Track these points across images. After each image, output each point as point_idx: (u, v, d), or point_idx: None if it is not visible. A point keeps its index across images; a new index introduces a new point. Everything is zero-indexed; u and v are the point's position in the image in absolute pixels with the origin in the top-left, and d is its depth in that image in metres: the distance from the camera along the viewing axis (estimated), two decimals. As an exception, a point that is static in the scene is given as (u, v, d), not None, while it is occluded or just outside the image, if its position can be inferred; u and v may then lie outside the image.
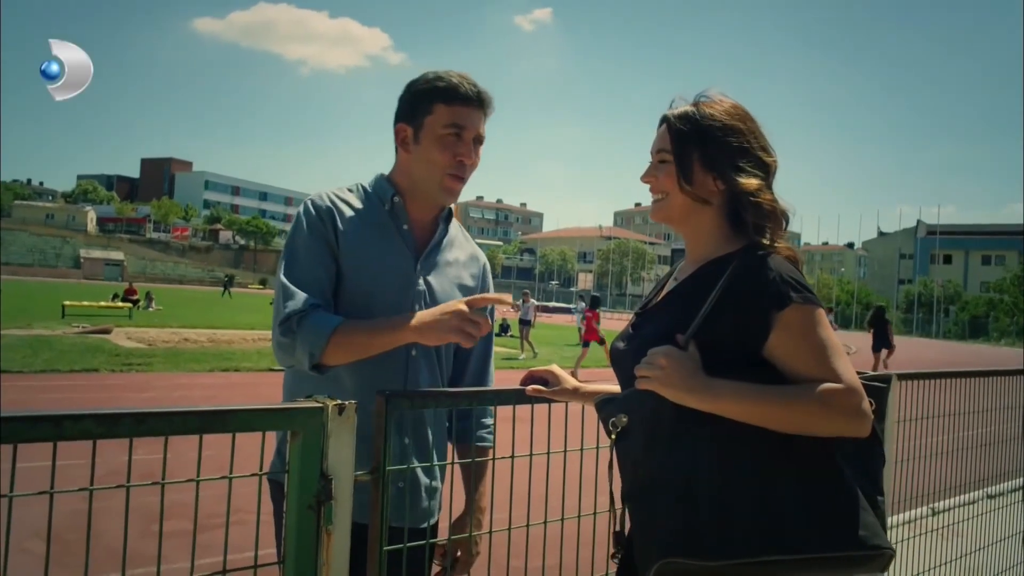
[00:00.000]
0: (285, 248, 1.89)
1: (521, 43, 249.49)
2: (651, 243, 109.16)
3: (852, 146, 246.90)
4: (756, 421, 1.39)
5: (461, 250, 2.08)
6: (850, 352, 18.80)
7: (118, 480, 1.26)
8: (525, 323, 20.14)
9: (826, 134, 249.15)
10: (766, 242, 1.56)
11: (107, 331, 18.73)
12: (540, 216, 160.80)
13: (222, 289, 55.51)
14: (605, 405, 1.54)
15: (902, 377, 2.99)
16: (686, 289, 1.59)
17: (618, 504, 1.51)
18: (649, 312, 1.67)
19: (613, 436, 1.50)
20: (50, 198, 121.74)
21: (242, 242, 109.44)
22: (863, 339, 27.30)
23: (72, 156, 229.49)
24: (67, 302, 24.70)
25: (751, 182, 1.55)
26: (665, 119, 1.63)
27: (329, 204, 1.90)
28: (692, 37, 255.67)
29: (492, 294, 1.86)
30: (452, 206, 2.06)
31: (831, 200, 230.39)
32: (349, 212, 1.90)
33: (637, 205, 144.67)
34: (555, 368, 1.87)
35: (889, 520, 3.38)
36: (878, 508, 1.44)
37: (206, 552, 1.68)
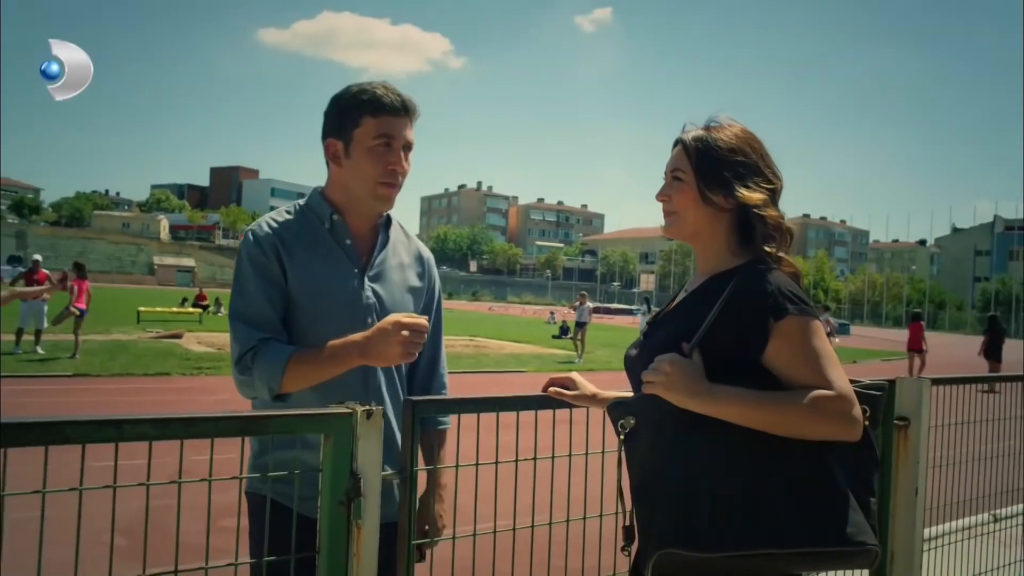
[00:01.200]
0: (232, 284, 1.98)
1: (581, 43, 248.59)
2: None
3: (923, 141, 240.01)
4: (753, 424, 1.48)
5: (405, 251, 2.14)
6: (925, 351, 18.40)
7: (171, 478, 1.42)
8: (581, 325, 20.20)
9: (896, 129, 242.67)
10: (771, 251, 1.65)
11: (179, 336, 19.45)
12: (601, 217, 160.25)
13: None
14: (615, 408, 1.66)
15: (936, 382, 3.03)
16: (693, 300, 1.70)
17: (627, 500, 1.62)
18: (660, 321, 1.78)
19: (622, 437, 1.62)
20: (126, 207, 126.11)
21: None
22: (938, 339, 26.55)
23: (146, 166, 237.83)
24: (142, 308, 25.66)
25: (756, 195, 1.65)
26: (680, 141, 1.74)
27: (268, 232, 1.96)
28: (755, 34, 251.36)
29: (420, 320, 1.85)
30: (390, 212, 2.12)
31: (900, 196, 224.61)
32: (289, 237, 1.97)
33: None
34: (575, 375, 1.99)
35: (948, 526, 3.43)
36: (868, 508, 1.52)
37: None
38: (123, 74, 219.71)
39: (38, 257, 14.91)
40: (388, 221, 2.11)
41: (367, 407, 1.56)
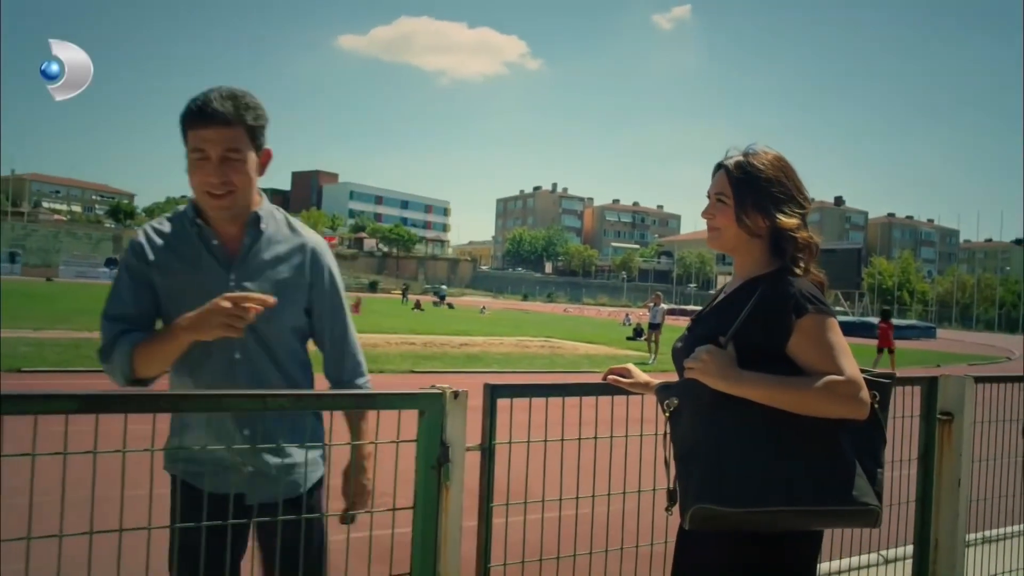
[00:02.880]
0: None
1: (658, 41, 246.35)
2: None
3: (1017, 135, 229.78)
4: (776, 404, 1.77)
5: (283, 245, 2.18)
6: (1011, 359, 17.90)
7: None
8: (655, 326, 20.29)
9: (988, 123, 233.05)
10: (800, 268, 1.93)
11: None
12: (677, 218, 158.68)
13: (401, 298, 55.91)
14: (662, 391, 1.98)
15: (979, 380, 3.22)
16: (729, 301, 1.99)
17: (670, 467, 1.92)
18: (702, 318, 2.07)
19: (667, 415, 1.92)
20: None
21: (385, 249, 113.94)
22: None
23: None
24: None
25: (791, 221, 1.94)
26: (724, 167, 2.02)
27: (142, 240, 2.11)
28: (837, 29, 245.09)
29: (249, 295, 1.92)
30: (257, 210, 2.15)
31: (993, 194, 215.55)
32: (160, 242, 2.11)
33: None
34: (631, 366, 2.30)
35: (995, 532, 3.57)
36: (874, 477, 1.79)
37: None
38: (207, 84, 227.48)
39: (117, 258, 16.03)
40: (256, 219, 2.14)
41: (454, 389, 1.89)
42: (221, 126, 1.98)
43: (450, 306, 53.40)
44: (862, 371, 1.83)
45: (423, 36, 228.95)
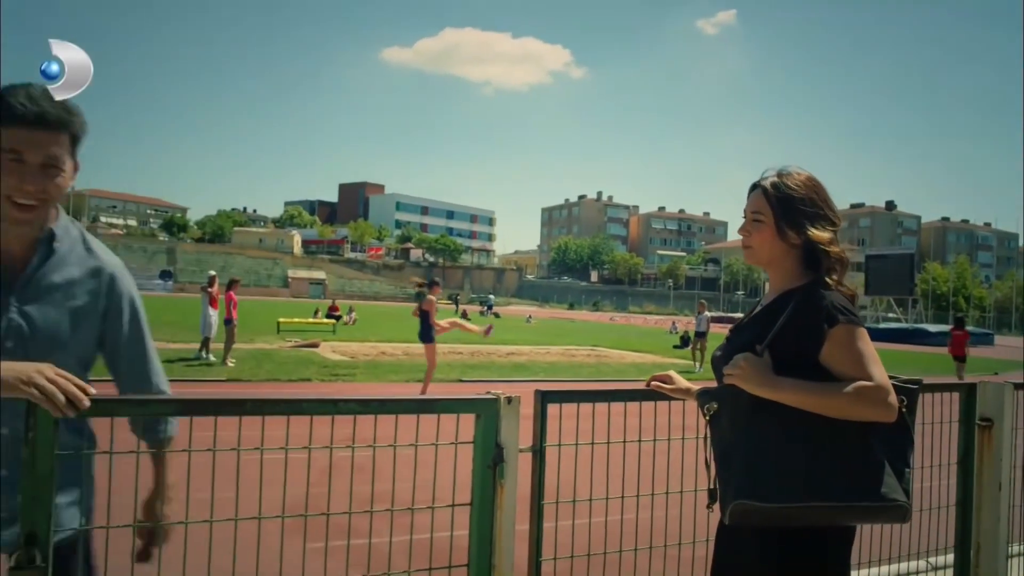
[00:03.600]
0: None
1: (703, 47, 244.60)
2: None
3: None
4: (809, 408, 1.89)
5: (77, 267, 1.86)
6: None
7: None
8: (700, 335, 20.23)
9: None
10: (833, 281, 2.06)
11: (315, 345, 20.74)
12: (724, 224, 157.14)
13: (455, 307, 54.99)
14: (702, 395, 2.12)
15: (1018, 387, 3.28)
16: (766, 312, 2.12)
17: (711, 467, 2.05)
18: (740, 328, 2.20)
19: (707, 418, 2.06)
20: (262, 224, 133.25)
21: (431, 259, 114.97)
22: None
23: (280, 184, 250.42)
24: (281, 319, 27.36)
25: (824, 236, 2.06)
26: (761, 187, 2.15)
27: None
28: (887, 32, 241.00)
29: (76, 381, 1.59)
30: (52, 226, 1.84)
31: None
32: None
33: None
34: (672, 372, 2.43)
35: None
36: (903, 476, 1.91)
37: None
38: (258, 100, 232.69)
39: (213, 272, 16.82)
40: (51, 236, 1.83)
41: (508, 395, 2.05)
42: (49, 130, 1.73)
43: (496, 315, 53.68)
44: (890, 377, 1.94)
45: (468, 47, 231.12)
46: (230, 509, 1.83)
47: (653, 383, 2.42)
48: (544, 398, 2.23)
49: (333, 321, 30.30)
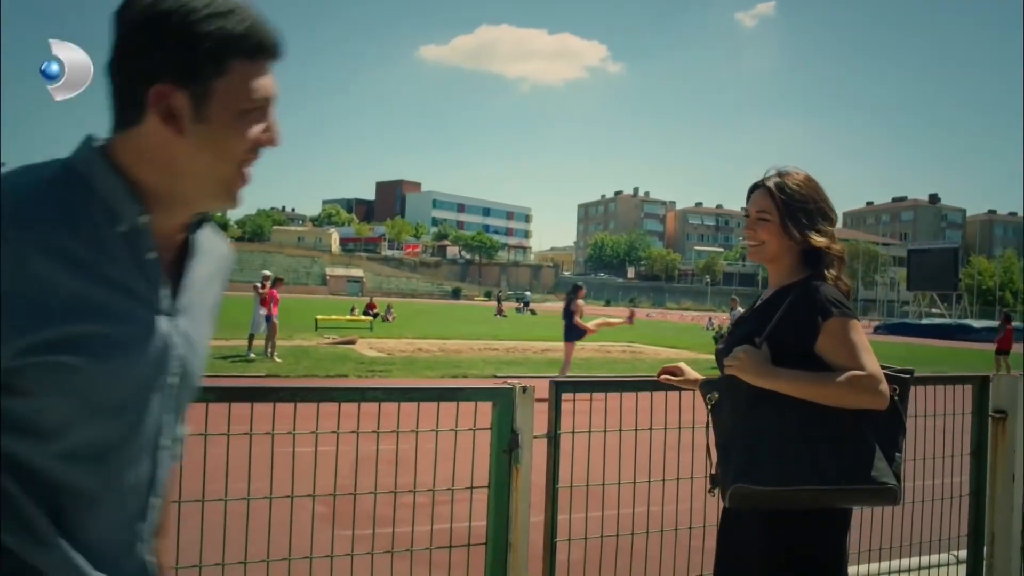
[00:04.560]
0: None
1: (742, 40, 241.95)
2: (885, 244, 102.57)
3: None
4: (805, 396, 2.01)
5: (211, 254, 1.28)
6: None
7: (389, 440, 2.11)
8: (735, 330, 20.16)
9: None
10: (831, 275, 2.17)
11: (352, 342, 21.07)
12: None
13: (496, 305, 51.95)
14: (705, 385, 2.24)
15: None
16: (765, 306, 2.23)
17: (712, 454, 2.17)
18: (741, 322, 2.32)
19: (709, 407, 2.18)
20: (300, 223, 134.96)
21: (467, 256, 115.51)
22: None
23: (317, 183, 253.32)
24: (319, 316, 27.77)
25: (825, 233, 2.17)
26: (765, 187, 2.26)
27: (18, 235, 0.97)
28: (930, 21, 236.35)
29: None
30: None
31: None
32: (52, 244, 0.99)
33: (869, 204, 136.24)
34: (683, 365, 2.55)
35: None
36: (894, 461, 2.02)
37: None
38: (295, 99, 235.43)
39: (268, 273, 17.45)
40: (204, 219, 1.26)
41: (522, 384, 2.19)
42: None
43: (533, 312, 53.84)
44: (883, 367, 2.05)
45: (504, 44, 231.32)
46: (266, 490, 1.99)
47: (663, 376, 2.54)
48: (558, 388, 2.37)
49: (371, 318, 30.69)
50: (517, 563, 2.18)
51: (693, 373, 2.53)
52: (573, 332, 12.95)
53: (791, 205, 2.19)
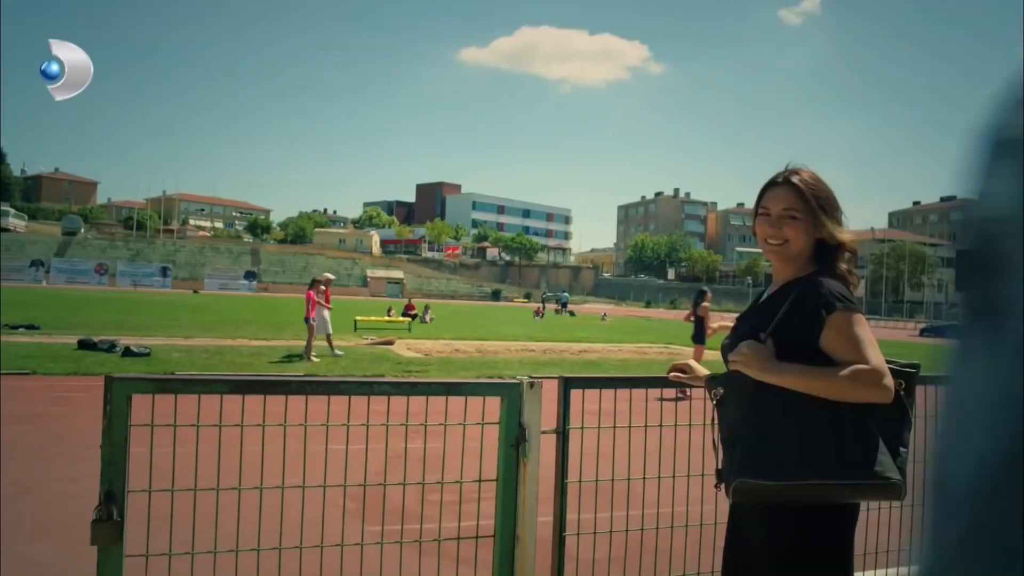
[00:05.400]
0: None
1: (786, 38, 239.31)
2: (932, 244, 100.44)
3: None
4: (809, 391, 2.01)
5: None
6: None
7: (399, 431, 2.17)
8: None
9: None
10: (844, 269, 2.17)
11: (390, 343, 21.24)
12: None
13: (540, 307, 51.83)
14: (711, 381, 2.26)
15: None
16: (770, 302, 2.24)
17: (718, 449, 2.19)
18: (745, 317, 2.34)
19: (714, 402, 2.20)
20: (342, 225, 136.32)
21: (507, 258, 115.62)
22: None
23: (358, 186, 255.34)
24: (358, 317, 28.05)
25: (846, 235, 2.18)
26: (790, 184, 2.26)
27: None
28: (980, 13, 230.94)
29: None
30: None
31: None
32: None
33: (916, 204, 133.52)
34: (691, 362, 2.57)
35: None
36: (899, 455, 2.01)
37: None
38: (337, 103, 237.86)
39: (331, 276, 17.90)
40: None
41: (530, 379, 2.23)
42: None
43: (571, 313, 53.74)
44: (889, 361, 2.05)
45: (545, 45, 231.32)
46: (279, 481, 2.06)
47: (672, 373, 2.56)
48: (567, 384, 2.40)
49: (409, 319, 30.90)
50: (525, 556, 2.22)
51: (702, 370, 2.54)
52: (703, 335, 13.38)
53: (821, 200, 2.20)
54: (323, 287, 16.87)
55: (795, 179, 2.23)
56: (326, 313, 16.59)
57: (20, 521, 4.48)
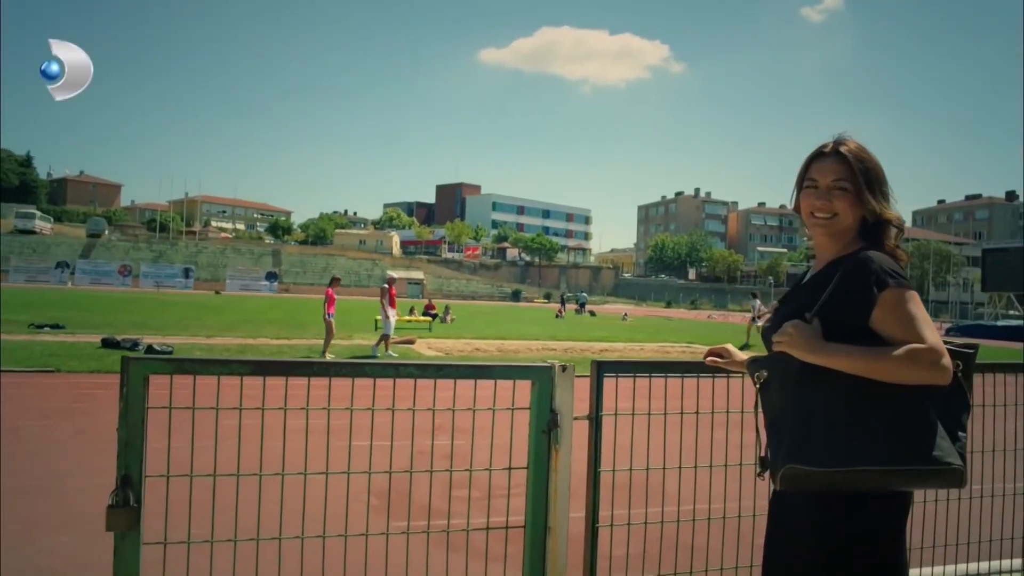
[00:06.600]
0: None
1: (808, 36, 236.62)
2: (958, 243, 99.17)
3: None
4: (860, 372, 1.89)
5: None
6: None
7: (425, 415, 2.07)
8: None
9: None
10: (891, 244, 2.06)
11: (411, 342, 21.22)
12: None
13: (560, 306, 51.44)
14: (752, 364, 2.14)
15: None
16: (815, 280, 2.13)
17: (762, 435, 2.08)
18: (788, 297, 2.22)
19: (757, 386, 2.08)
20: (362, 226, 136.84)
21: (527, 259, 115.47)
22: None
23: (379, 187, 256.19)
24: (379, 317, 28.03)
25: (894, 213, 2.08)
26: (839, 154, 2.14)
27: None
28: (1005, 11, 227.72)
29: None
30: None
31: None
32: None
33: (940, 202, 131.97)
34: (729, 346, 2.45)
35: None
36: (958, 440, 1.89)
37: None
38: (357, 105, 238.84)
39: (393, 275, 17.98)
40: None
41: (562, 363, 2.14)
42: None
43: (592, 313, 53.48)
44: (945, 342, 1.93)
45: (564, 45, 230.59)
46: (302, 466, 1.98)
47: (709, 358, 2.45)
48: (600, 368, 2.30)
49: (430, 319, 30.86)
50: (556, 547, 2.13)
51: (740, 354, 2.43)
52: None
53: (868, 173, 2.09)
54: (386, 286, 17.03)
55: (843, 149, 2.12)
56: (391, 313, 16.75)
57: (43, 514, 4.48)
